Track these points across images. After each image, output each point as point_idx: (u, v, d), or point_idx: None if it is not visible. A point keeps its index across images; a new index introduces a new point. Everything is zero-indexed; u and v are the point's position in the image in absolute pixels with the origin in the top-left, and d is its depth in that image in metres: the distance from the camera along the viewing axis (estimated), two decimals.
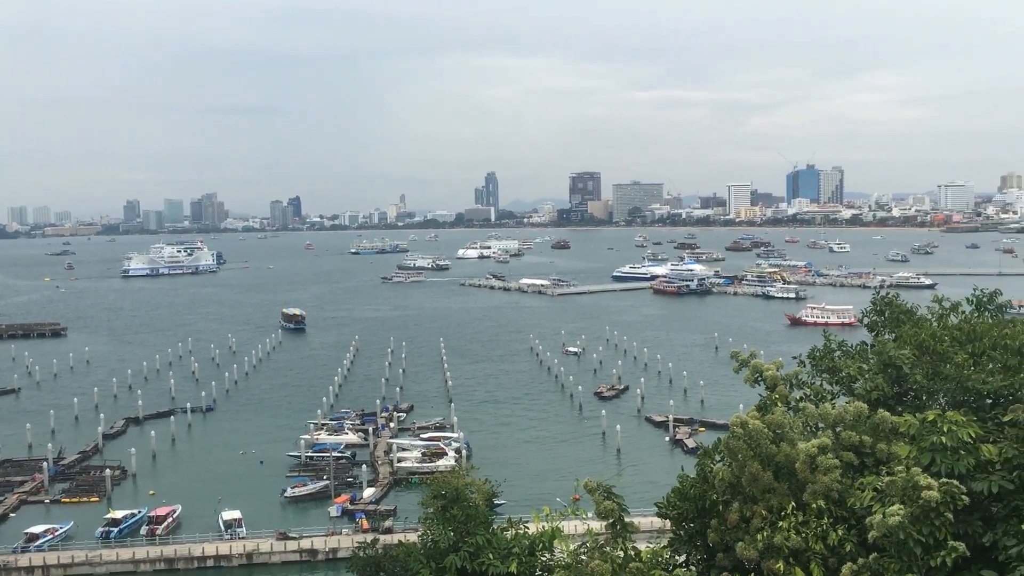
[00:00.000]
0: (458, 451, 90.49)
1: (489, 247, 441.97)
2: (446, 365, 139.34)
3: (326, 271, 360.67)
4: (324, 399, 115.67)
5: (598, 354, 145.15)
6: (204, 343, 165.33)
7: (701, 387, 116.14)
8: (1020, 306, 18.08)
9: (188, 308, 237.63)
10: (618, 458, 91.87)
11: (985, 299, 20.74)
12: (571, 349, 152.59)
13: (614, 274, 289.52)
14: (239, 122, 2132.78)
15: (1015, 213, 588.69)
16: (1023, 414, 12.89)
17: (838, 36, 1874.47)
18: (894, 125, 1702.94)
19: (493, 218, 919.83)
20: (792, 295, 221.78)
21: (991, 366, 16.86)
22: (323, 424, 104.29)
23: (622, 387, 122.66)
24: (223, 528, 72.25)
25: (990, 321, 19.58)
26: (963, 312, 20.45)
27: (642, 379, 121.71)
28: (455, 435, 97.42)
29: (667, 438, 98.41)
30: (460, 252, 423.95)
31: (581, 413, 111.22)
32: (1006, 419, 13.86)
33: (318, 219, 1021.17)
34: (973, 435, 12.67)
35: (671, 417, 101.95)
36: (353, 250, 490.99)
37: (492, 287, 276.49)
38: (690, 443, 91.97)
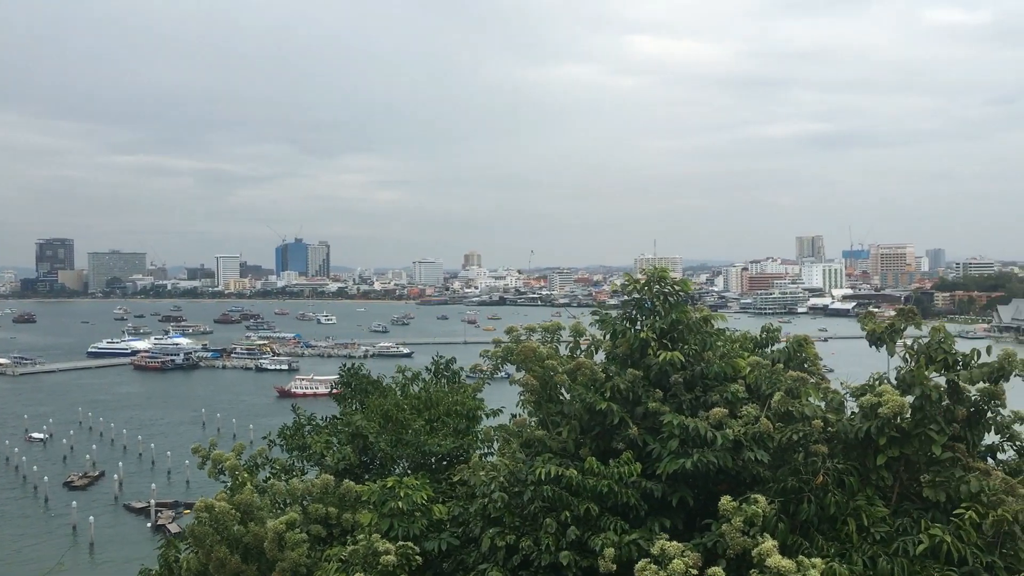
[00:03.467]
0: None
1: None
2: None
3: None
4: None
5: (69, 439, 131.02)
6: None
7: (186, 467, 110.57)
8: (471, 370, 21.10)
9: None
10: (91, 554, 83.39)
11: (443, 366, 22.79)
12: (35, 435, 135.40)
13: (90, 350, 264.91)
14: None
15: (476, 288, 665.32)
16: (468, 473, 14.18)
17: (322, 119, 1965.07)
18: (375, 204, 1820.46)
19: None
20: (285, 367, 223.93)
21: (445, 430, 18.55)
22: None
23: (97, 474, 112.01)
24: None
25: (446, 388, 21.50)
26: (423, 380, 22.23)
27: (121, 463, 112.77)
28: None
29: (149, 525, 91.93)
30: None
31: (47, 507, 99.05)
32: (455, 479, 15.18)
33: None
34: (426, 497, 13.62)
35: (153, 502, 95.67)
36: None
37: None
38: (174, 528, 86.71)
